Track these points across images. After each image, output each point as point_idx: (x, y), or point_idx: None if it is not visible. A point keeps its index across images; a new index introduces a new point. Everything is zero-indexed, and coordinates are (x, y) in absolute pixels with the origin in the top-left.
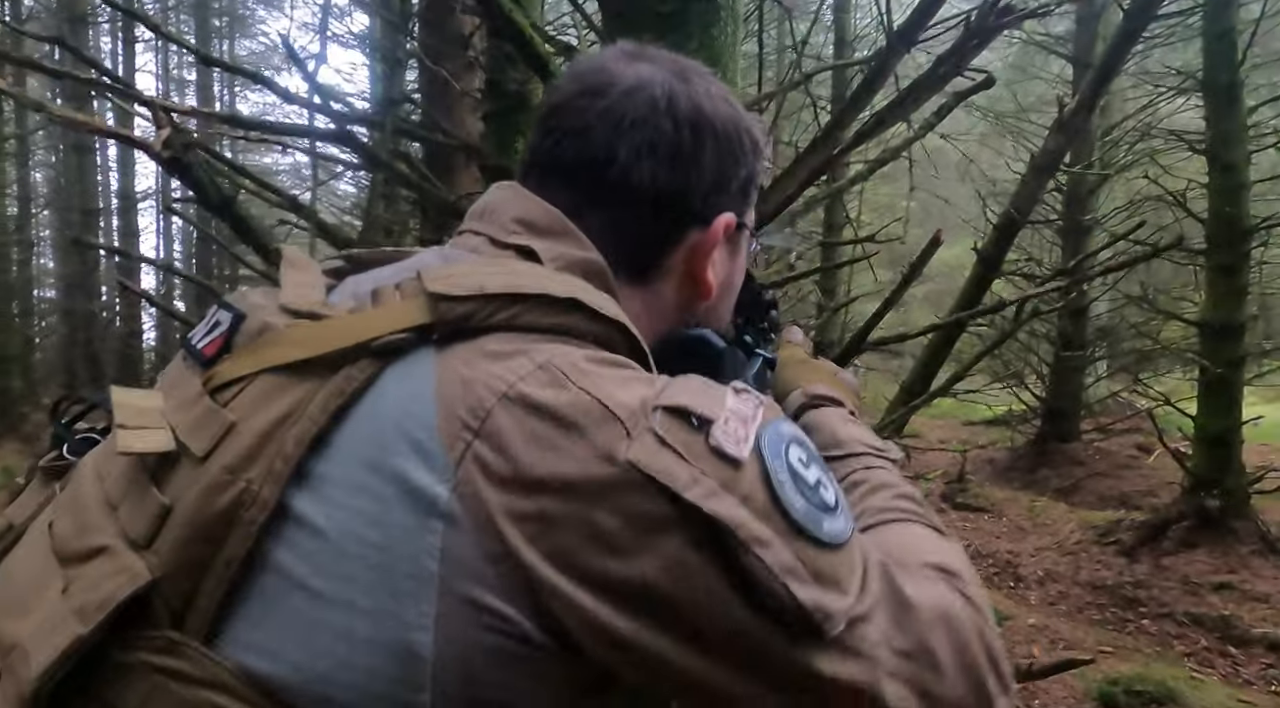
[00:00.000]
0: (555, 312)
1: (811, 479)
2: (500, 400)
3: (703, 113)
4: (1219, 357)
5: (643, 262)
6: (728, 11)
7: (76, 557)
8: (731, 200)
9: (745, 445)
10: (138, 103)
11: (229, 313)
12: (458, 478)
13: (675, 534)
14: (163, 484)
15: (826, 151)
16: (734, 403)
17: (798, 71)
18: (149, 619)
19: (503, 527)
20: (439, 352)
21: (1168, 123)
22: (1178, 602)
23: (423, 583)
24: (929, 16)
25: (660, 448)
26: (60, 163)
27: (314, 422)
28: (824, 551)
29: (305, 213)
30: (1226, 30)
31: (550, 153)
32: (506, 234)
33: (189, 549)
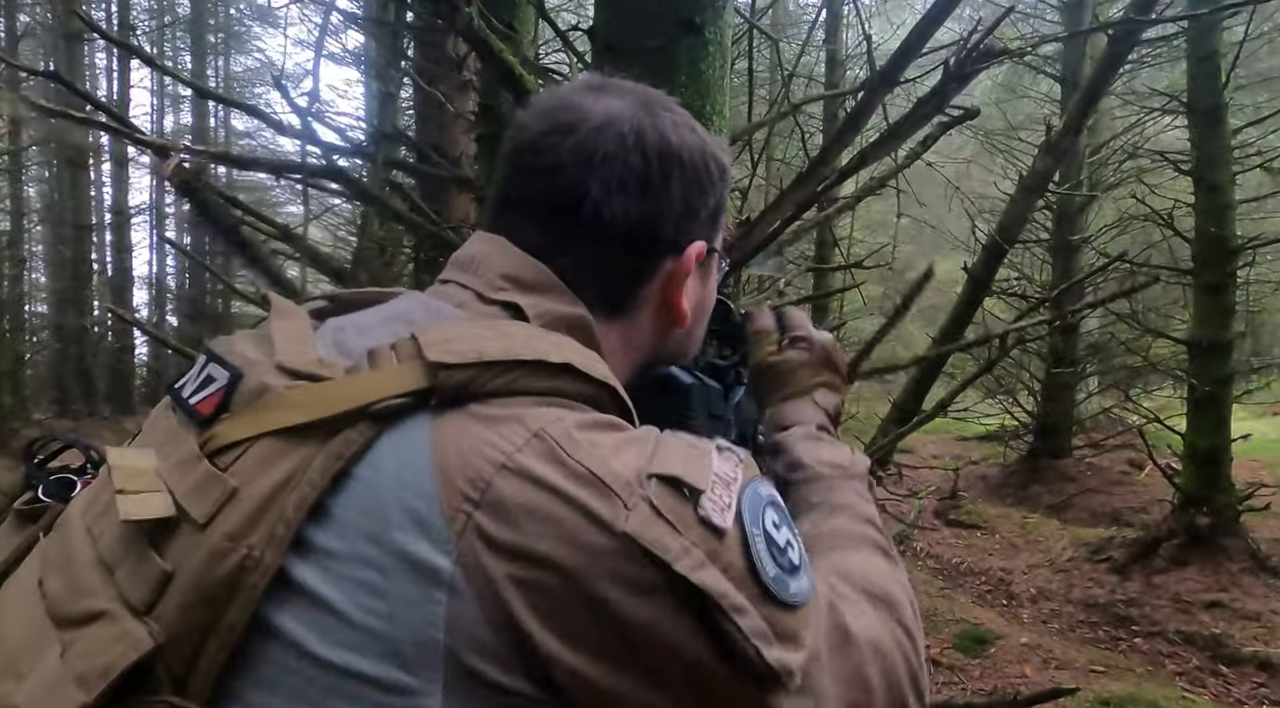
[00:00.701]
0: (549, 376)
1: (782, 541)
2: (499, 471)
3: (670, 145)
4: (1207, 374)
5: (619, 296)
6: (716, 46)
7: (73, 620)
8: (701, 227)
9: (729, 513)
10: (134, 142)
11: (224, 369)
12: (459, 549)
13: (664, 597)
14: (162, 549)
15: (811, 186)
16: (719, 465)
17: (786, 102)
18: (150, 685)
19: (505, 594)
20: (435, 418)
21: (1154, 143)
22: (1169, 620)
23: (429, 652)
24: (911, 57)
25: (654, 519)
26: (54, 178)
27: (314, 487)
28: (787, 612)
29: (297, 242)
30: (1210, 53)
31: (522, 192)
32: (493, 290)
33: (191, 615)
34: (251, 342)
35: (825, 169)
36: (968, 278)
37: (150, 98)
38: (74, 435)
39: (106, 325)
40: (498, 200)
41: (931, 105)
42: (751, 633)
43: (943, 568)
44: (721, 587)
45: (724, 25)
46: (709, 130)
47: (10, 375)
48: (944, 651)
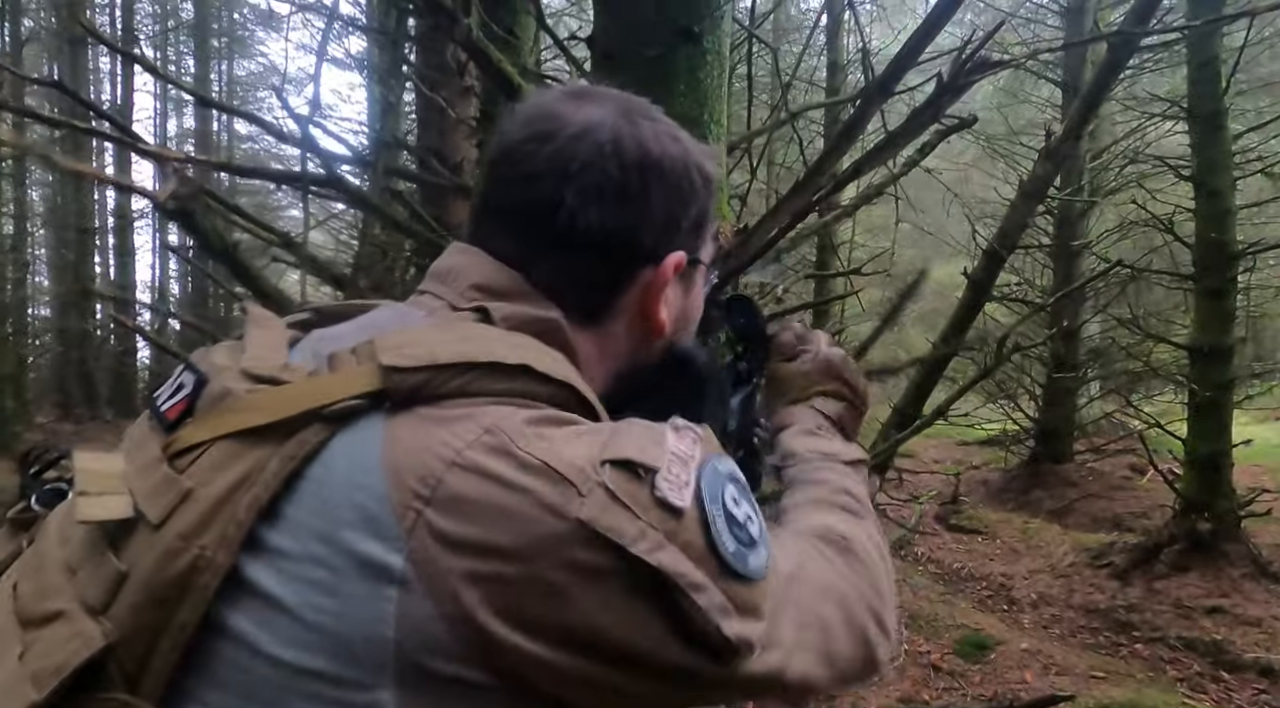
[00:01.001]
0: (505, 377)
1: (741, 516)
2: (450, 468)
3: (649, 154)
4: (1208, 380)
5: (594, 304)
6: (714, 55)
7: (34, 621)
8: (682, 238)
9: (687, 491)
10: (138, 152)
11: (193, 375)
12: (410, 547)
13: (619, 580)
14: (120, 550)
15: (808, 195)
16: (674, 443)
17: (785, 110)
18: (103, 683)
19: (458, 589)
20: (388, 419)
21: (1155, 148)
22: (1170, 626)
23: (379, 649)
24: (906, 68)
25: (610, 504)
26: (57, 182)
27: (267, 488)
28: (747, 585)
29: (297, 250)
30: (1210, 59)
31: (499, 200)
32: (464, 300)
33: (143, 614)
34: (226, 351)
35: (822, 178)
36: (968, 283)
37: (154, 102)
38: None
39: (110, 329)
40: (478, 208)
41: (926, 116)
42: (711, 609)
43: (943, 573)
44: (680, 566)
45: (722, 34)
46: (708, 138)
47: (13, 379)
48: (944, 656)
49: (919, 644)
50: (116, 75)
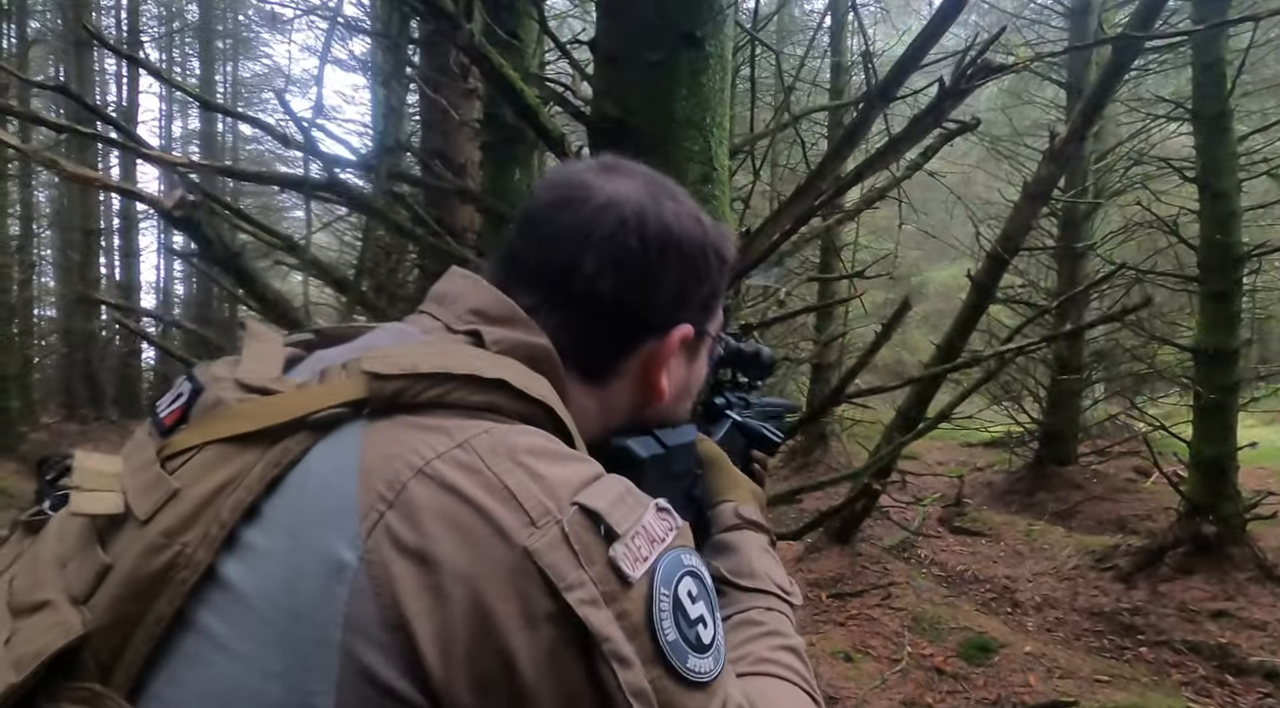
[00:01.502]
0: (482, 390)
1: (694, 614)
2: (416, 475)
3: (670, 233)
4: (1213, 382)
5: (596, 363)
6: (717, 59)
7: (24, 610)
8: (691, 313)
9: (642, 566)
10: (141, 157)
11: (190, 384)
12: (367, 546)
13: (550, 629)
14: (108, 545)
15: (809, 199)
16: (650, 520)
17: (787, 112)
18: (78, 671)
19: (401, 596)
20: (368, 426)
21: (1160, 149)
22: (1175, 629)
23: (327, 649)
24: (908, 73)
25: (559, 543)
26: (63, 184)
27: (250, 491)
28: (680, 685)
29: (300, 254)
30: (1215, 61)
31: (522, 257)
32: (461, 323)
33: (121, 606)
34: (226, 364)
35: (824, 182)
36: (972, 285)
37: (159, 103)
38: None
39: (114, 330)
40: (502, 259)
41: (929, 121)
42: (630, 690)
43: (947, 575)
44: (607, 630)
45: (725, 38)
46: (710, 141)
47: (18, 379)
48: (948, 659)
49: (922, 647)
50: (122, 77)
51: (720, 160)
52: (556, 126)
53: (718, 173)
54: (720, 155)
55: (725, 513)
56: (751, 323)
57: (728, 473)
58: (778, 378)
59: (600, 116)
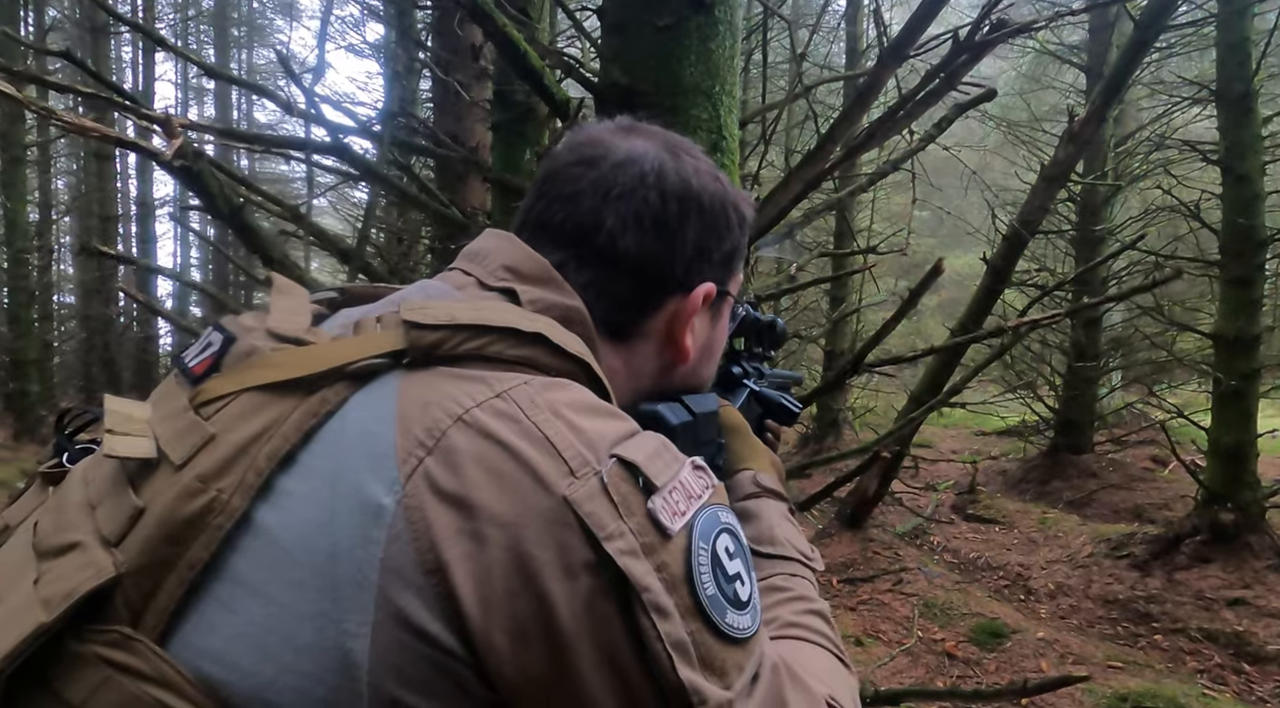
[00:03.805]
0: (521, 344)
1: (731, 571)
2: (456, 423)
3: (690, 188)
4: (1233, 369)
5: (622, 322)
6: (726, 26)
7: (51, 552)
8: (713, 270)
9: (680, 520)
10: (139, 116)
11: (220, 335)
12: (405, 491)
13: (590, 579)
14: (140, 489)
15: (819, 165)
16: (687, 476)
17: (799, 84)
18: (108, 614)
19: (439, 541)
20: (406, 375)
21: (1183, 133)
22: (1191, 617)
23: (363, 591)
24: (919, 32)
25: (599, 493)
26: (81, 170)
27: (286, 439)
28: (719, 639)
29: (305, 223)
30: (1240, 40)
31: (542, 215)
32: (494, 279)
33: (155, 549)
34: (254, 316)
35: (834, 147)
36: (987, 268)
37: (174, 90)
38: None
39: (133, 315)
40: (519, 220)
41: (942, 81)
42: (670, 640)
43: (960, 562)
44: (647, 580)
45: (734, 4)
46: (719, 109)
47: (38, 364)
48: (959, 644)
49: (933, 633)
50: (138, 64)
51: (729, 129)
52: (562, 91)
53: (727, 142)
54: (729, 124)
55: (744, 481)
56: (761, 295)
57: (748, 441)
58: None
59: (607, 84)
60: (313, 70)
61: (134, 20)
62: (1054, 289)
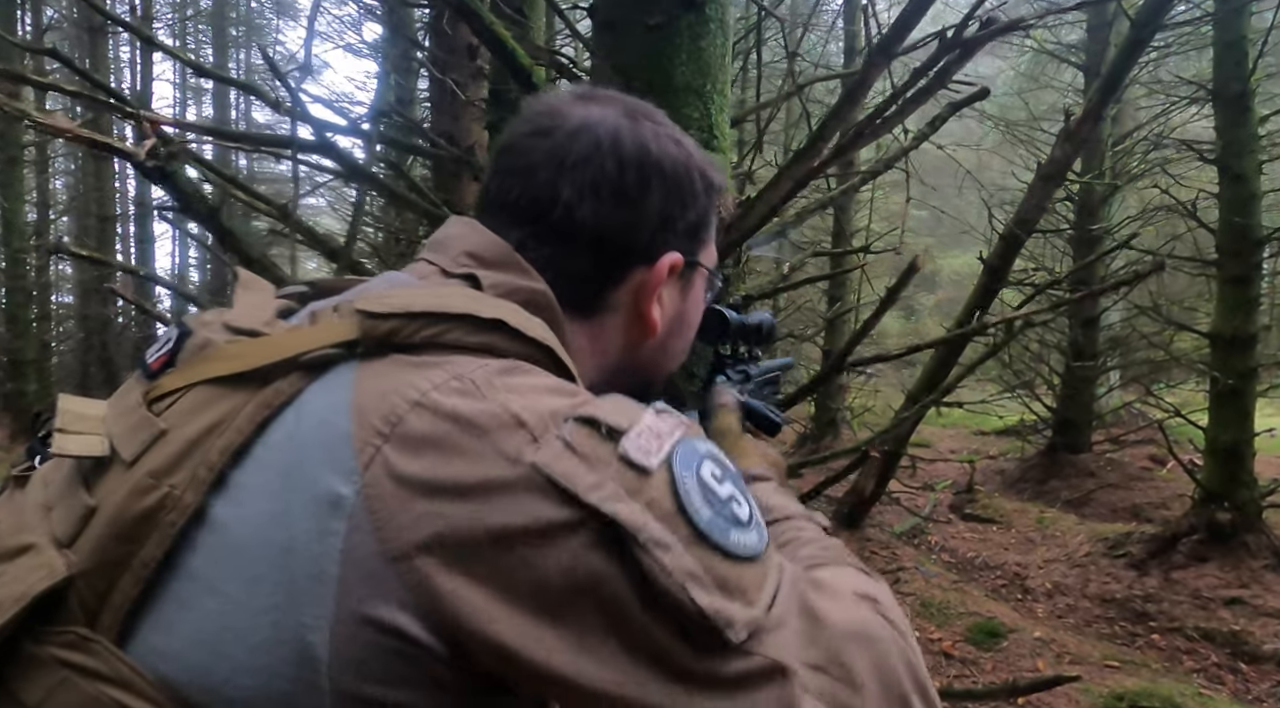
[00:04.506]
0: (480, 331)
1: (724, 494)
2: (413, 407)
3: (648, 153)
4: (1230, 368)
5: (586, 297)
6: (717, 24)
7: (7, 554)
8: (679, 240)
9: (655, 457)
10: (121, 113)
11: (177, 330)
12: (365, 481)
13: (574, 536)
14: (93, 488)
15: (809, 163)
16: (651, 420)
17: (792, 81)
18: (63, 616)
19: (404, 527)
20: (361, 365)
21: (1180, 132)
22: (1188, 616)
23: (322, 584)
24: (908, 30)
25: (565, 453)
26: (79, 170)
27: (240, 432)
28: (730, 561)
29: (292, 222)
30: (1237, 39)
31: (499, 191)
32: (456, 266)
33: (107, 548)
34: (215, 311)
35: (824, 145)
36: (984, 267)
37: (173, 90)
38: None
39: (131, 315)
40: (481, 199)
41: (933, 79)
42: (680, 572)
43: (957, 562)
44: (639, 519)
45: (725, 2)
46: (710, 108)
47: (36, 364)
48: (956, 643)
49: (930, 632)
50: (136, 64)
51: (721, 128)
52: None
53: (718, 141)
54: (721, 123)
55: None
56: (753, 295)
57: (737, 444)
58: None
59: (599, 83)
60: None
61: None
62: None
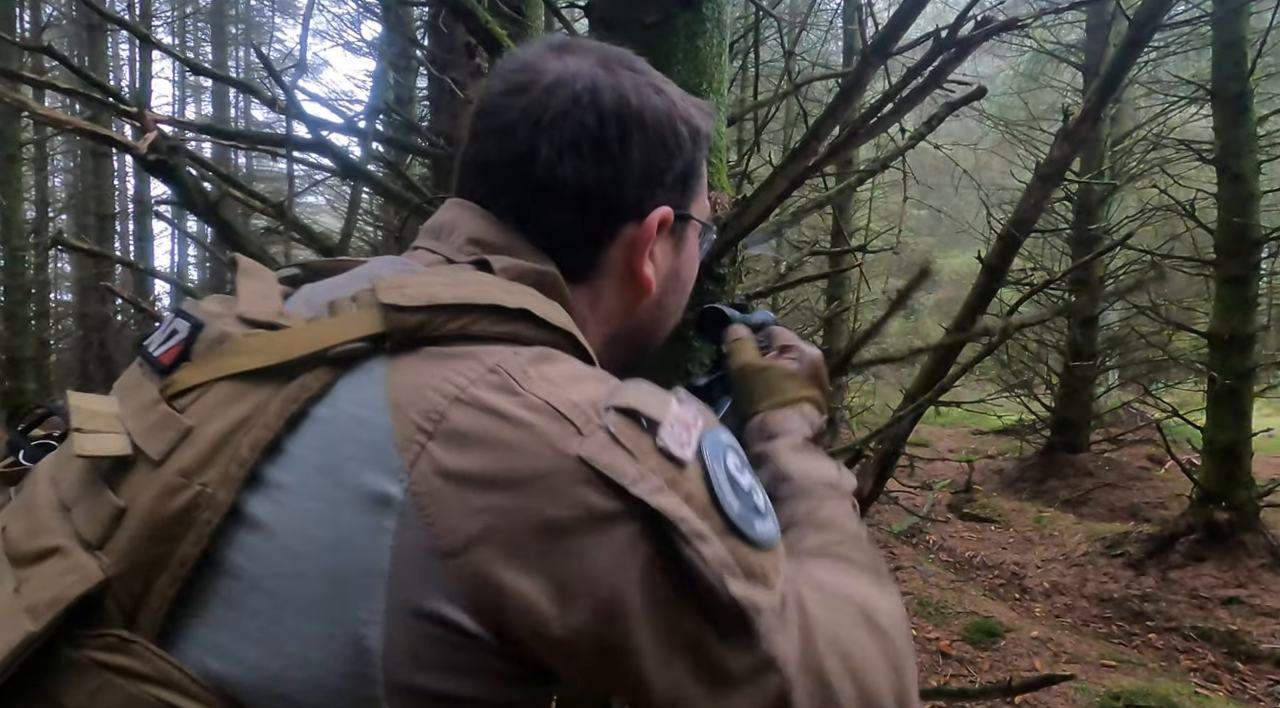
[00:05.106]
0: (504, 321)
1: (745, 485)
2: (453, 403)
3: (628, 104)
4: (1228, 368)
5: (578, 261)
6: (713, 23)
7: (29, 558)
8: (667, 192)
9: (689, 449)
10: (116, 111)
11: (186, 322)
12: (412, 477)
13: (621, 527)
14: (117, 487)
15: (804, 162)
16: (677, 409)
17: (789, 81)
18: (100, 618)
19: (456, 523)
20: (391, 360)
21: (1179, 132)
22: (1185, 616)
23: (374, 579)
24: (903, 29)
25: (610, 445)
26: (78, 168)
27: (269, 428)
28: (754, 549)
29: (287, 219)
30: (1235, 39)
31: (477, 155)
32: (462, 255)
33: (142, 550)
34: (218, 300)
35: (819, 144)
36: (982, 267)
37: (172, 88)
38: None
39: (130, 313)
40: (461, 163)
41: (929, 77)
42: (716, 562)
43: (955, 561)
44: (682, 512)
45: (721, 1)
46: None
47: (34, 362)
48: (953, 643)
49: (928, 631)
50: (135, 62)
51: (718, 127)
52: None
53: (714, 140)
54: (718, 122)
55: (751, 435)
56: (750, 294)
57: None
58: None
59: None
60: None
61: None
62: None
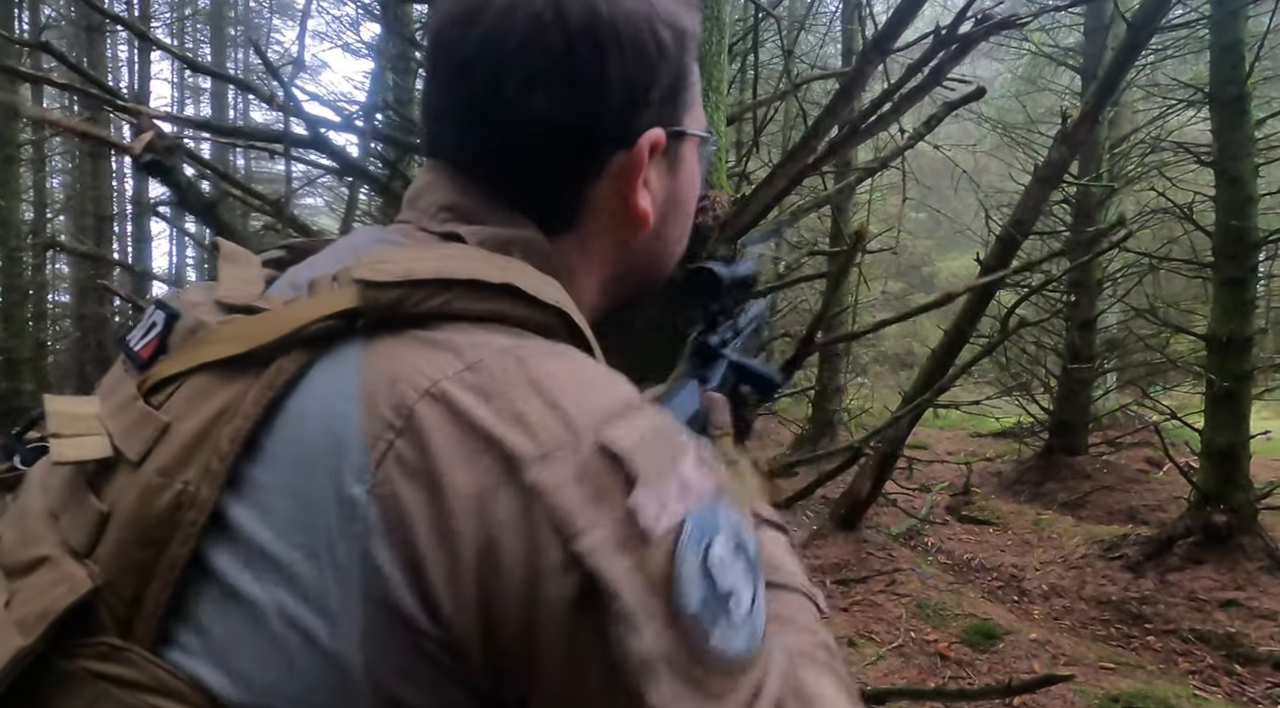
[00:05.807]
0: (489, 297)
1: (723, 584)
2: (423, 398)
3: (598, 17)
4: (1226, 371)
5: (564, 205)
6: (712, 22)
7: (20, 569)
8: (655, 111)
9: (665, 518)
10: (113, 107)
11: (163, 313)
12: (377, 479)
13: (556, 583)
14: (101, 491)
15: (803, 160)
16: (688, 472)
17: (788, 80)
18: (93, 627)
19: (415, 530)
20: (366, 343)
21: (1177, 135)
22: (1183, 618)
23: (348, 589)
24: (901, 28)
25: (570, 482)
26: (76, 169)
27: (248, 418)
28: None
29: (285, 217)
30: (1233, 43)
31: (440, 98)
32: (437, 223)
33: (129, 554)
34: (201, 288)
35: (818, 143)
36: (981, 269)
37: (170, 89)
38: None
39: (128, 314)
40: (425, 107)
41: (928, 76)
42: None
43: (953, 563)
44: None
45: (722, 1)
46: (706, 108)
47: (32, 363)
48: (951, 645)
49: (926, 633)
50: (134, 63)
51: (717, 127)
52: None
53: (714, 140)
54: (717, 122)
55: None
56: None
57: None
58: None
59: None
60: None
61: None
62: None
